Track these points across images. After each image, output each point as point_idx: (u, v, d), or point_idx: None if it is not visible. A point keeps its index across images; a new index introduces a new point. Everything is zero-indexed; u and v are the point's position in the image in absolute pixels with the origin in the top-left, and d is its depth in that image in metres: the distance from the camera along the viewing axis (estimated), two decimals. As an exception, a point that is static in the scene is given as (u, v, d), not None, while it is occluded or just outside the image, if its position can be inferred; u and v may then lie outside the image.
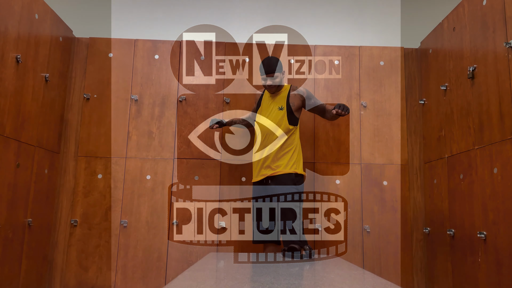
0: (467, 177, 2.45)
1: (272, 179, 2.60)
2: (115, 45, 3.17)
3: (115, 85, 3.12)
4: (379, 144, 3.09)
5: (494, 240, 2.14)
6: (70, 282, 2.89)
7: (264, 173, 2.62)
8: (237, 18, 3.66)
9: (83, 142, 3.05)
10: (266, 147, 2.65)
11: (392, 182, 3.04)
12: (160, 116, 3.09)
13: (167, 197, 3.00)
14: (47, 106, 2.85)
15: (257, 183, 2.67)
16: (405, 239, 2.98)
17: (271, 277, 1.31)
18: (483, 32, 2.32)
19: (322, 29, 3.66)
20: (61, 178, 3.04)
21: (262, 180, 2.64)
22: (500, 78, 2.14)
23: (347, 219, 3.01)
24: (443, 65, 2.81)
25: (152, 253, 2.93)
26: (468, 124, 2.45)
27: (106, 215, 2.96)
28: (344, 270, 1.53)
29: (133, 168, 3.02)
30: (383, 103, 3.15)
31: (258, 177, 2.66)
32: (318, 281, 1.25)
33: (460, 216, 2.51)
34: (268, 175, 2.61)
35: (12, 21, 2.40)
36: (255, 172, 2.69)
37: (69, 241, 2.94)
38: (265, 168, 2.63)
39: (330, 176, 3.05)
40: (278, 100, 2.72)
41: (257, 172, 2.67)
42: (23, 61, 2.52)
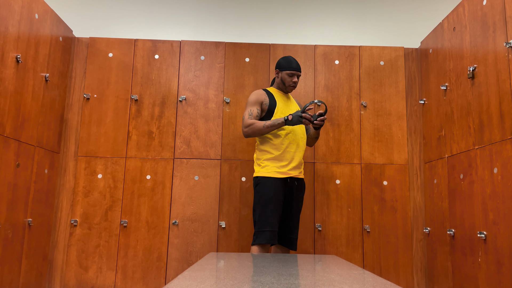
0: (467, 177, 2.45)
1: (298, 182, 2.60)
2: (115, 45, 3.17)
3: (115, 85, 3.12)
4: (379, 144, 3.09)
5: (494, 240, 2.14)
6: (70, 282, 2.89)
7: (292, 173, 2.55)
8: (237, 18, 3.66)
9: (83, 142, 3.05)
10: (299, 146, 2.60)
11: (392, 182, 3.04)
12: (160, 116, 3.09)
13: (167, 197, 3.00)
14: (47, 106, 2.85)
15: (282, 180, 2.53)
16: (405, 239, 2.98)
17: (271, 277, 1.31)
18: (483, 32, 2.32)
19: (322, 29, 3.66)
20: (61, 178, 3.05)
21: (286, 178, 2.54)
22: (500, 78, 2.14)
23: (347, 219, 3.01)
24: (443, 65, 2.81)
25: (152, 253, 2.93)
26: (468, 124, 2.45)
27: (106, 215, 2.96)
28: (344, 270, 1.53)
29: (133, 168, 3.02)
30: (383, 103, 3.15)
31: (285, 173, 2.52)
32: (318, 281, 1.25)
33: (460, 216, 2.51)
34: (296, 176, 2.57)
35: (12, 21, 2.40)
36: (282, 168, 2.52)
37: (69, 241, 2.94)
38: (294, 169, 2.56)
39: (330, 176, 3.05)
40: (291, 103, 2.69)
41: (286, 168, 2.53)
42: (23, 61, 2.52)
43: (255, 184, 2.57)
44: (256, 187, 2.56)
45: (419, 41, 3.53)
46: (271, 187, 2.49)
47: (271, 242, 2.43)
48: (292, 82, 2.61)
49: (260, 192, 2.51)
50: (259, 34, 3.63)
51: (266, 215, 2.45)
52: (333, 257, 2.11)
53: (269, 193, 2.48)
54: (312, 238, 2.98)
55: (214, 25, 3.64)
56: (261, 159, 2.57)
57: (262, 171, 2.54)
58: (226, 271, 1.44)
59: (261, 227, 2.45)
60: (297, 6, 3.71)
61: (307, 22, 3.68)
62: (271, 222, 2.44)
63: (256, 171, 2.59)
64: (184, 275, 1.29)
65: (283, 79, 2.63)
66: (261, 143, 2.58)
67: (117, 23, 3.62)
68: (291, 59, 2.62)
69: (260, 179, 2.53)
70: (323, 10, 3.71)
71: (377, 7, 3.70)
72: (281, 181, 2.52)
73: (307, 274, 1.41)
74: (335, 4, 3.71)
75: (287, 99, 2.68)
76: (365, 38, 3.64)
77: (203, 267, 1.51)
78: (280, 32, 3.64)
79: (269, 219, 2.44)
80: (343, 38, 3.64)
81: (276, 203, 2.48)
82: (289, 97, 2.71)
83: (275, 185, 2.50)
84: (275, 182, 2.50)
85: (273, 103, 2.59)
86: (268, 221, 2.44)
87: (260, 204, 2.49)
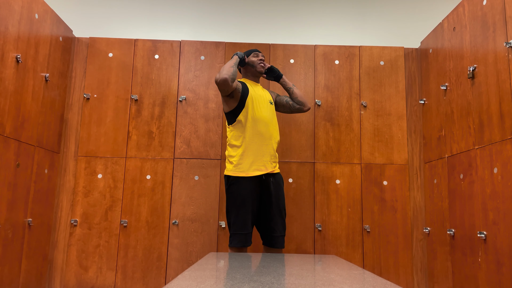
0: (467, 177, 2.45)
1: (273, 177, 2.48)
2: (115, 45, 3.17)
3: (115, 85, 3.12)
4: (379, 144, 3.09)
5: (494, 240, 2.14)
6: (70, 282, 2.89)
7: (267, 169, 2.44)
8: (237, 18, 3.66)
9: (83, 142, 3.05)
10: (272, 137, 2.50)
11: (392, 182, 3.04)
12: (160, 116, 3.09)
13: (167, 197, 3.00)
14: (47, 106, 2.85)
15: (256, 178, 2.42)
16: (405, 239, 2.98)
17: (271, 277, 1.31)
18: (483, 32, 2.32)
19: (322, 29, 3.66)
20: (61, 178, 3.05)
21: (261, 176, 2.43)
22: (500, 78, 2.14)
23: (347, 219, 3.01)
24: (443, 65, 2.81)
25: (152, 253, 2.93)
26: (468, 124, 2.45)
27: (106, 215, 2.96)
28: (344, 270, 1.53)
29: (133, 168, 3.02)
30: (383, 103, 3.15)
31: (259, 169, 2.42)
32: (318, 281, 1.25)
33: (460, 216, 2.51)
34: (271, 171, 2.46)
35: (12, 21, 2.40)
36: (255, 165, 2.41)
37: (69, 241, 2.94)
38: (267, 163, 2.44)
39: (330, 176, 3.05)
40: (262, 93, 2.59)
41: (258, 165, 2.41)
42: (23, 61, 2.52)
43: (228, 184, 2.43)
44: (229, 188, 2.42)
45: (419, 41, 3.53)
46: (245, 188, 2.37)
47: (246, 245, 2.35)
48: (259, 60, 2.61)
49: (233, 193, 2.39)
50: (259, 34, 3.63)
51: (240, 218, 2.35)
52: (333, 257, 2.11)
53: (243, 194, 2.36)
54: (312, 238, 2.98)
55: (214, 25, 3.64)
56: (234, 157, 2.43)
57: (235, 170, 2.41)
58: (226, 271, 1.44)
59: (235, 230, 2.36)
60: (297, 6, 3.71)
61: (307, 22, 3.68)
62: (245, 225, 2.35)
63: (228, 169, 2.45)
64: (184, 275, 1.29)
65: (251, 62, 2.61)
66: (232, 139, 2.47)
67: (117, 23, 3.62)
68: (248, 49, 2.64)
69: (232, 179, 2.41)
70: (323, 10, 3.71)
71: (377, 7, 3.70)
72: (255, 179, 2.41)
73: (307, 274, 1.41)
74: (335, 4, 3.71)
75: (258, 89, 2.59)
76: (365, 38, 3.64)
77: (203, 267, 1.51)
78: (280, 32, 3.64)
79: (243, 222, 2.35)
80: (343, 38, 3.64)
81: (250, 204, 2.37)
82: (259, 87, 2.63)
83: (249, 185, 2.38)
84: (249, 181, 2.39)
85: (245, 90, 2.49)
86: (242, 224, 2.35)
87: (233, 206, 2.38)
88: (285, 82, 2.72)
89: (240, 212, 2.37)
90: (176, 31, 3.62)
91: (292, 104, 2.71)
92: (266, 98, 2.58)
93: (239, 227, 2.36)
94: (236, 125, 2.47)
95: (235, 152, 2.44)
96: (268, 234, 2.45)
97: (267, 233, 2.45)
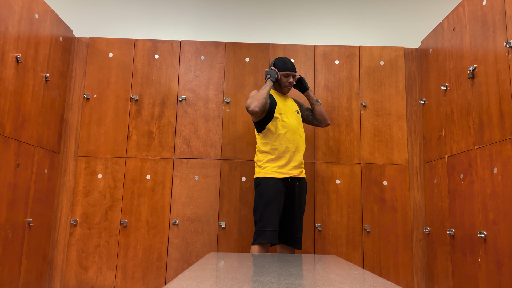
0: (467, 177, 2.45)
1: (299, 181, 2.61)
2: (115, 45, 3.17)
3: (115, 85, 3.12)
4: (379, 144, 3.09)
5: (494, 240, 2.14)
6: (70, 282, 2.89)
7: (292, 173, 2.55)
8: (237, 18, 3.66)
9: (83, 142, 3.05)
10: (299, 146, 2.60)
11: (392, 182, 3.04)
12: (160, 116, 3.09)
13: (167, 197, 3.00)
14: (47, 106, 2.85)
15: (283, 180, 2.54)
16: (405, 239, 2.98)
17: (271, 277, 1.31)
18: (483, 32, 2.32)
19: (322, 29, 3.66)
20: (61, 178, 3.05)
21: (287, 178, 2.55)
22: (500, 78, 2.14)
23: (347, 219, 3.01)
24: (443, 65, 2.81)
25: (152, 253, 2.93)
26: (468, 124, 2.45)
27: (106, 215, 2.96)
28: (344, 270, 1.53)
29: (133, 168, 3.02)
30: (383, 103, 3.15)
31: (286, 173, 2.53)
32: (318, 281, 1.25)
33: (460, 216, 2.51)
34: (297, 176, 2.58)
35: (12, 21, 2.40)
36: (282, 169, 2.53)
37: (69, 241, 2.94)
38: (294, 169, 2.56)
39: (330, 176, 3.05)
40: (289, 103, 2.69)
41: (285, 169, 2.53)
42: (23, 61, 2.52)
43: (256, 184, 2.58)
44: (257, 187, 2.56)
45: (419, 41, 3.53)
46: (272, 187, 2.50)
47: (272, 242, 2.44)
48: (287, 83, 2.64)
49: (260, 192, 2.52)
50: (259, 34, 3.63)
51: (267, 215, 2.46)
52: (333, 257, 2.11)
53: (270, 193, 2.49)
54: (312, 238, 2.98)
55: (214, 25, 3.64)
56: (262, 161, 2.58)
57: (262, 172, 2.56)
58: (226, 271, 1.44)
59: (262, 226, 2.46)
60: (297, 6, 3.71)
61: (307, 22, 3.68)
62: (272, 222, 2.45)
63: (257, 172, 2.60)
64: (184, 275, 1.29)
65: (279, 79, 2.65)
66: (261, 145, 2.59)
67: (117, 23, 3.62)
68: (286, 59, 2.65)
69: (261, 180, 2.55)
70: (323, 10, 3.71)
71: (377, 7, 3.70)
72: (281, 181, 2.53)
73: (307, 274, 1.41)
74: (335, 4, 3.71)
75: (285, 99, 2.69)
76: (365, 38, 3.64)
77: (203, 267, 1.51)
78: (280, 32, 3.64)
79: (270, 219, 2.45)
80: (343, 38, 3.64)
81: (277, 203, 2.49)
82: (286, 97, 2.72)
83: (276, 185, 2.51)
84: (276, 182, 2.51)
85: (273, 102, 2.59)
86: (269, 221, 2.45)
87: (261, 204, 2.50)
88: (309, 96, 2.77)
89: (267, 209, 2.48)
90: (176, 31, 3.62)
91: (311, 119, 2.80)
92: (293, 108, 2.68)
93: (266, 224, 2.46)
94: (265, 133, 2.58)
95: (264, 157, 2.57)
96: (289, 235, 2.58)
97: (288, 234, 2.58)
